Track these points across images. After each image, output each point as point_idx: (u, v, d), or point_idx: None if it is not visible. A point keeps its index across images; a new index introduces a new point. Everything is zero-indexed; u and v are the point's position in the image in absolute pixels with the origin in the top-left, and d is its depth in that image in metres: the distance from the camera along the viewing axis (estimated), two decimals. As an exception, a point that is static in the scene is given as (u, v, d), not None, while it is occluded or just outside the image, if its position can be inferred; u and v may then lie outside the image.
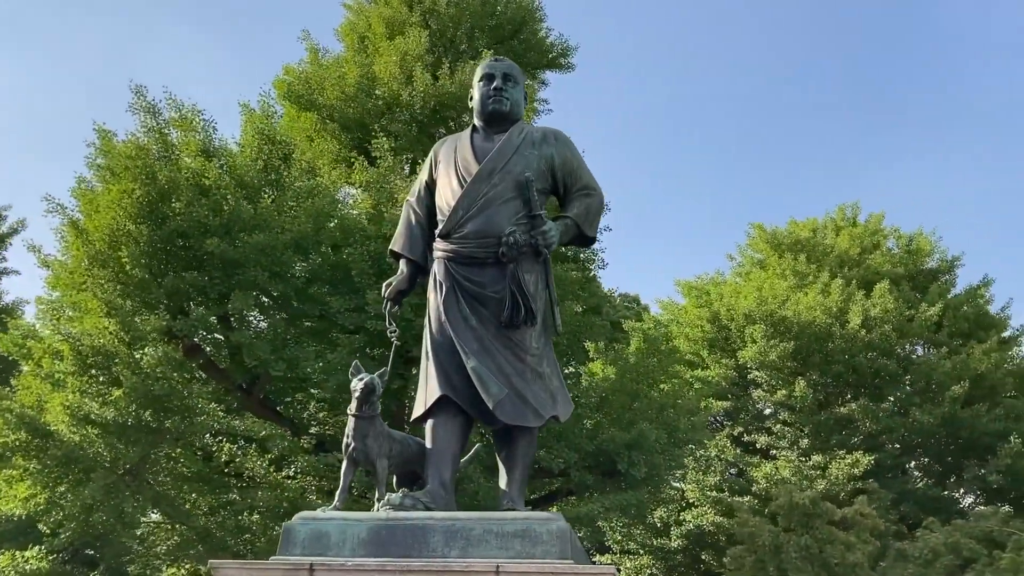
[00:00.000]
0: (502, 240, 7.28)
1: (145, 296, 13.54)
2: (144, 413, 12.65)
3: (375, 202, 14.45)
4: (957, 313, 28.27)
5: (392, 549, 6.25)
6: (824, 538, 14.92)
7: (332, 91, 17.52)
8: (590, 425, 16.47)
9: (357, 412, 7.03)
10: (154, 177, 13.66)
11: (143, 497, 13.21)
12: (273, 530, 13.43)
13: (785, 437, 25.42)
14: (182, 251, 13.85)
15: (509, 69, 8.07)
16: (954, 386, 24.43)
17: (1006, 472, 23.58)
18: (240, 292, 13.34)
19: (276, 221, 13.55)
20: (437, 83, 17.35)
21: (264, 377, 14.66)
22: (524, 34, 21.21)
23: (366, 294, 13.45)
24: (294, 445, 13.63)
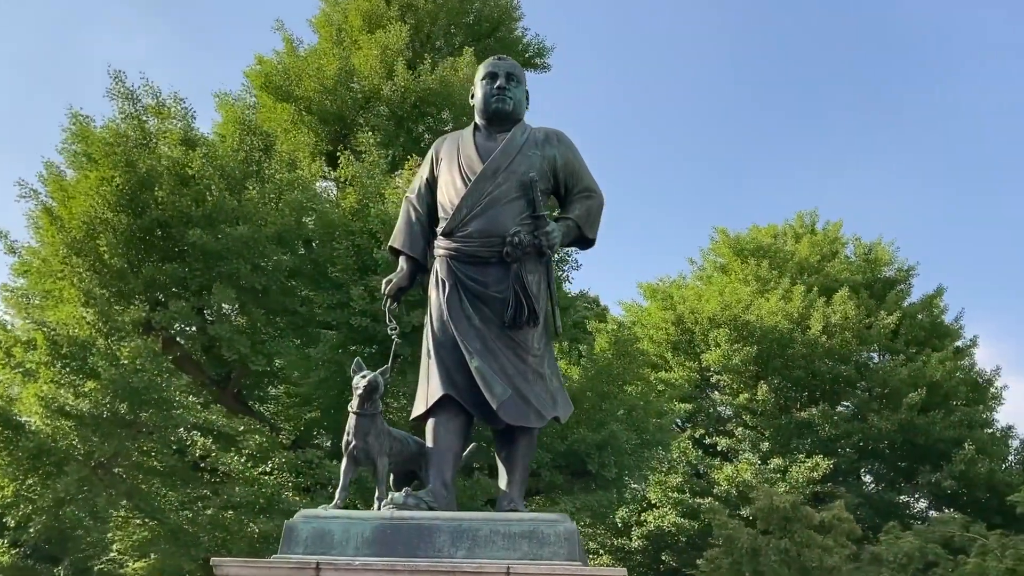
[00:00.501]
0: (506, 240, 7.27)
1: (123, 286, 13.25)
2: (120, 406, 12.39)
3: (360, 197, 14.31)
4: (913, 322, 28.88)
5: (397, 549, 6.22)
6: (802, 541, 15.16)
7: (310, 83, 17.34)
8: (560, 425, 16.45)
9: (359, 410, 6.98)
10: (134, 165, 13.38)
11: (116, 492, 12.93)
12: (248, 527, 13.28)
13: (746, 440, 25.76)
14: (160, 241, 13.59)
15: (512, 68, 8.06)
16: (912, 393, 24.94)
17: (959, 478, 24.13)
18: (221, 285, 13.12)
19: (259, 213, 13.36)
20: (419, 79, 17.27)
21: (238, 372, 14.44)
22: (501, 32, 21.20)
23: (350, 290, 13.33)
24: (272, 441, 13.46)
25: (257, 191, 13.56)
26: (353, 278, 13.61)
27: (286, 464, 13.20)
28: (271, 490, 12.70)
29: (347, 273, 13.69)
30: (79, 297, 12.98)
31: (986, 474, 24.18)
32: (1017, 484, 24.62)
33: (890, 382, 26.12)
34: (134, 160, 13.43)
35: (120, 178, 13.37)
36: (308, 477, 13.50)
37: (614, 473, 16.58)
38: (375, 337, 13.57)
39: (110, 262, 13.30)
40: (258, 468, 13.12)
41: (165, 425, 12.67)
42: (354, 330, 13.65)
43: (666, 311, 28.50)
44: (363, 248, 13.70)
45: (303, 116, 17.34)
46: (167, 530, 13.15)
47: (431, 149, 8.14)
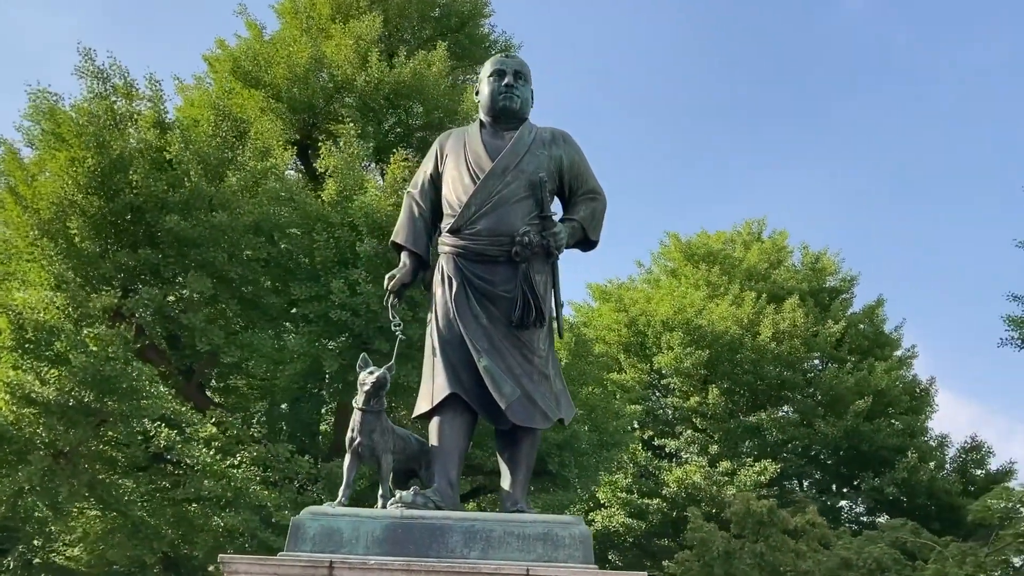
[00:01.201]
0: (516, 239, 7.23)
1: (94, 271, 12.78)
2: (88, 394, 11.94)
3: (340, 188, 14.05)
4: (856, 331, 29.57)
5: (409, 548, 6.13)
6: (776, 546, 15.39)
7: (279, 70, 16.97)
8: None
9: (365, 406, 6.87)
10: (106, 146, 12.91)
11: (78, 482, 12.48)
12: (213, 520, 12.93)
13: (695, 443, 26.08)
14: (131, 226, 13.13)
15: (520, 67, 8.02)
16: (858, 401, 25.51)
17: (901, 485, 24.78)
18: (196, 273, 12.74)
19: (237, 201, 13.01)
20: (392, 70, 17.03)
21: (203, 363, 14.05)
22: (469, 28, 21.09)
23: (331, 283, 13.08)
24: (242, 434, 13.14)
25: (237, 179, 13.20)
26: (332, 271, 13.36)
27: (256, 458, 12.89)
28: (239, 484, 12.39)
29: (326, 265, 13.44)
30: (48, 280, 12.49)
31: (927, 481, 24.85)
32: (956, 492, 25.40)
33: (836, 389, 26.69)
34: (106, 141, 12.97)
35: (92, 159, 12.90)
36: (276, 471, 13.23)
37: (575, 473, 16.62)
38: (352, 331, 13.34)
39: (80, 246, 12.82)
40: (226, 461, 12.78)
41: (133, 415, 12.26)
42: (332, 323, 13.41)
43: (619, 313, 28.69)
44: (343, 241, 13.46)
45: (271, 103, 16.96)
46: (129, 523, 12.73)
47: (435, 144, 8.04)
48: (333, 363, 13.17)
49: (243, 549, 13.20)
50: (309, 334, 13.29)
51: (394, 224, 13.37)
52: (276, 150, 14.63)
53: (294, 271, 13.78)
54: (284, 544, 12.82)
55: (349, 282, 12.96)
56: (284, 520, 12.54)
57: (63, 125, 13.27)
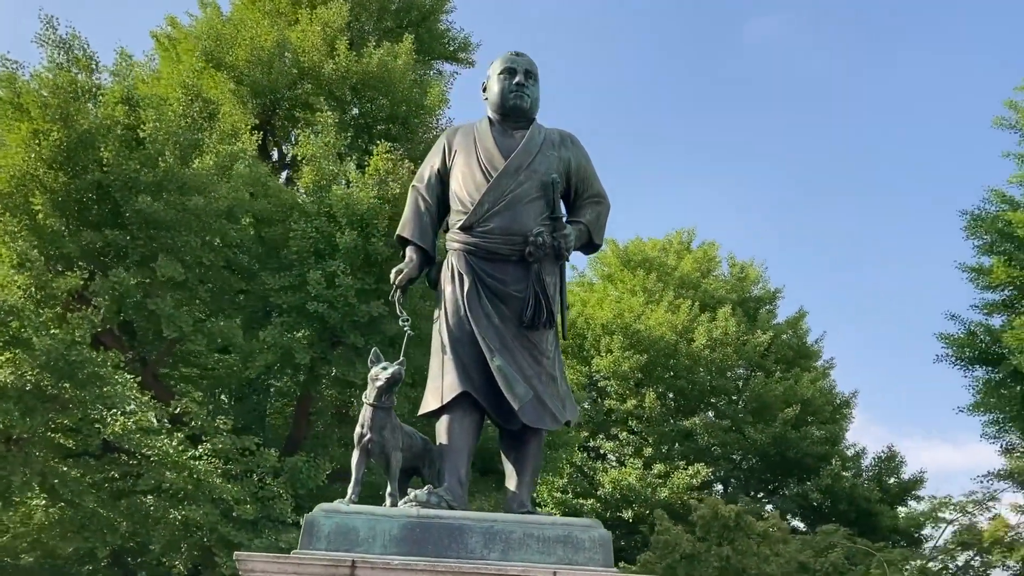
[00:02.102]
0: (529, 240, 7.23)
1: (56, 250, 12.17)
2: (47, 379, 11.36)
3: (317, 178, 13.74)
4: (781, 341, 30.40)
5: (427, 548, 6.07)
6: (742, 549, 15.70)
7: (242, 51, 16.48)
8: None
9: (376, 402, 6.77)
10: (71, 120, 12.31)
11: (30, 471, 11.85)
12: (170, 514, 12.47)
13: (630, 445, 26.43)
14: (97, 205, 12.55)
15: (530, 66, 8.02)
16: (787, 409, 26.22)
17: (825, 491, 25.58)
18: (167, 257, 12.24)
19: (212, 184, 12.57)
20: (360, 60, 16.75)
21: (162, 352, 13.54)
22: (430, 23, 20.93)
23: (308, 274, 12.75)
24: (207, 425, 12.72)
25: (214, 161, 12.77)
26: (308, 261, 13.05)
27: (219, 450, 12.52)
28: (202, 476, 11.98)
29: (302, 255, 13.12)
30: (10, 259, 11.85)
31: (849, 488, 25.70)
32: (875, 499, 26.35)
33: (765, 397, 27.38)
34: (71, 115, 12.37)
35: (57, 133, 12.29)
36: (239, 464, 12.87)
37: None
38: (326, 323, 13.05)
39: (44, 223, 12.20)
40: (187, 452, 12.35)
41: (92, 403, 11.73)
42: (305, 314, 13.11)
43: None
44: (321, 231, 13.17)
45: (231, 86, 16.46)
46: (80, 514, 12.18)
47: (442, 139, 7.97)
48: (305, 355, 12.89)
49: (201, 543, 12.82)
50: (282, 325, 12.97)
51: (375, 217, 13.27)
52: (244, 134, 14.21)
53: (265, 260, 13.43)
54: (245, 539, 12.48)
55: (327, 274, 12.69)
56: (246, 514, 12.28)
57: (24, 95, 12.64)
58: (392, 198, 13.37)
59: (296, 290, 13.15)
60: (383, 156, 14.04)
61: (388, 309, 12.80)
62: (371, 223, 13.07)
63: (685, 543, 16.18)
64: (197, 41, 17.08)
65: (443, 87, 18.16)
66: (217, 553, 12.51)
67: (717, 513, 16.74)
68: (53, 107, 12.44)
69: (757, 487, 28.45)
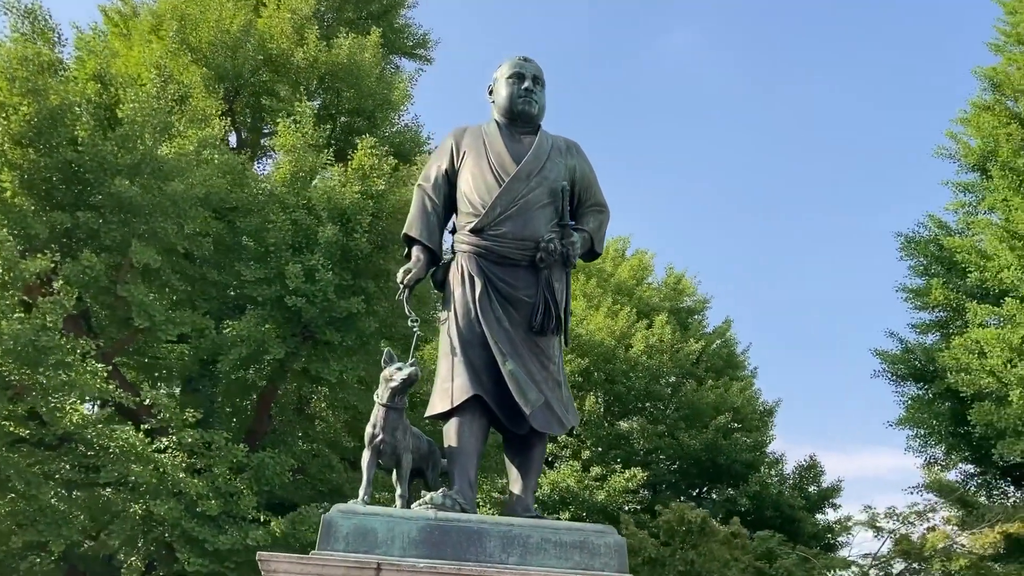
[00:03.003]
0: (540, 245, 7.33)
1: (25, 230, 11.60)
2: (10, 364, 10.82)
3: (295, 169, 13.46)
4: (711, 350, 31.15)
5: (446, 551, 6.11)
6: (706, 554, 15.96)
7: (207, 33, 16.01)
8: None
9: (389, 403, 6.78)
10: (41, 95, 11.76)
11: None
12: (130, 507, 12.04)
13: (568, 447, 26.70)
14: (64, 184, 12.02)
15: (538, 72, 8.13)
16: (719, 416, 26.85)
17: (753, 497, 26.26)
18: (141, 243, 11.81)
19: (192, 171, 12.17)
20: (330, 50, 16.49)
21: (124, 340, 13.06)
22: (391, 16, 20.75)
23: (286, 267, 12.48)
24: (176, 418, 12.34)
25: (193, 147, 12.39)
26: (285, 253, 12.78)
27: (184, 443, 12.17)
28: (168, 470, 11.60)
29: (279, 248, 12.84)
30: None
31: (776, 495, 26.44)
32: (798, 506, 27.18)
33: (698, 404, 27.97)
34: (41, 89, 11.83)
35: (27, 108, 11.74)
36: (205, 459, 12.52)
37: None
38: (301, 318, 12.81)
39: (12, 201, 11.64)
40: (152, 445, 11.94)
41: (57, 391, 11.24)
42: (281, 308, 12.85)
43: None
44: (300, 224, 12.92)
45: (201, 69, 15.95)
46: (35, 506, 11.65)
47: (449, 139, 7.99)
48: (279, 349, 12.65)
49: (162, 539, 12.46)
50: (257, 317, 12.69)
51: (359, 213, 13.11)
52: (214, 119, 13.85)
53: (239, 250, 13.12)
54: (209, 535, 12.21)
55: (306, 268, 12.47)
56: (210, 510, 11.99)
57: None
58: (376, 194, 13.25)
59: (271, 283, 12.90)
60: (367, 151, 13.88)
61: (365, 306, 12.69)
62: (354, 218, 12.92)
63: (650, 547, 16.44)
64: (159, 19, 16.57)
65: (407, 83, 18.05)
66: (179, 549, 12.18)
67: (683, 518, 17.05)
68: (21, 80, 11.90)
69: (687, 492, 29.02)
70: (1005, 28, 22.63)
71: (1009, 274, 16.22)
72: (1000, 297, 17.86)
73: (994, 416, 15.57)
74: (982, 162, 18.99)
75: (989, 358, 15.86)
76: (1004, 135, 18.48)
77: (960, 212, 20.16)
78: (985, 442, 18.01)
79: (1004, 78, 20.45)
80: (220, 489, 12.11)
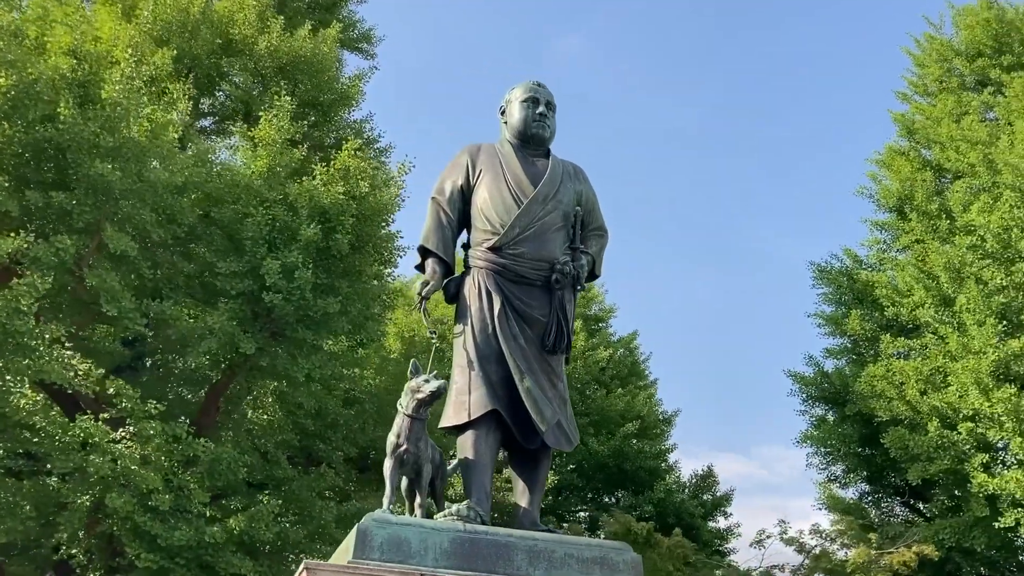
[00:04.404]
0: (556, 267, 7.68)
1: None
2: None
3: (272, 163, 13.19)
4: (616, 358, 32.04)
5: (477, 563, 6.37)
6: (651, 565, 16.33)
7: (162, 11, 15.46)
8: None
9: (415, 414, 6.94)
10: (16, 67, 11.16)
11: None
12: (79, 499, 11.55)
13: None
14: (34, 162, 11.43)
15: (551, 98, 8.50)
16: (628, 424, 27.64)
17: (657, 504, 27.15)
18: (114, 228, 11.34)
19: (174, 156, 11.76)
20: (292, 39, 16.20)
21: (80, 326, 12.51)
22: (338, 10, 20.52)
23: (264, 263, 12.22)
24: (137, 408, 11.92)
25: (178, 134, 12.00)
26: (262, 249, 12.52)
27: (154, 436, 11.81)
28: (126, 461, 11.21)
29: (256, 242, 12.58)
30: None
31: (678, 503, 27.43)
32: (698, 514, 28.25)
33: (607, 411, 28.71)
34: (16, 61, 11.23)
35: (3, 79, 11.11)
36: (161, 452, 12.16)
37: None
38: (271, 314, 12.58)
39: None
40: (107, 436, 11.50)
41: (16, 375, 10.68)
42: (253, 302, 12.59)
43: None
44: (279, 219, 12.69)
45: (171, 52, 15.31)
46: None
47: (464, 155, 8.20)
48: (250, 344, 12.42)
49: (107, 532, 12.04)
50: (229, 311, 12.42)
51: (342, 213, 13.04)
52: (180, 102, 13.44)
53: (212, 241, 12.80)
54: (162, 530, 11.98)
55: (285, 265, 12.29)
56: (163, 504, 11.69)
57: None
58: (360, 196, 13.22)
59: (244, 276, 12.68)
60: (351, 152, 13.79)
61: (341, 306, 12.65)
62: (336, 219, 12.84)
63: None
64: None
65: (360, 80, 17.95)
66: (128, 543, 11.82)
67: (629, 529, 17.54)
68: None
69: (592, 498, 29.71)
70: (913, 78, 24.10)
71: (923, 311, 17.43)
72: (909, 331, 19.14)
73: (911, 441, 16.70)
74: (899, 204, 20.27)
75: (906, 388, 17.00)
76: (919, 180, 19.79)
77: (874, 248, 21.47)
78: (889, 464, 19.26)
79: (919, 126, 21.84)
80: (171, 483, 11.83)
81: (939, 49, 23.12)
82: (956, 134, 19.51)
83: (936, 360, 16.81)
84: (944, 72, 23.08)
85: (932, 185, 19.89)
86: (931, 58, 23.46)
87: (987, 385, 15.05)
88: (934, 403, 16.17)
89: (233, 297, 12.40)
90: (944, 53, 22.97)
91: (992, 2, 22.70)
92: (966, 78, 22.89)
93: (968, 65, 22.03)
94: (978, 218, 17.03)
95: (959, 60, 22.50)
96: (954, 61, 22.61)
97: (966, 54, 22.41)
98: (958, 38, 23.02)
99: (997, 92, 21.34)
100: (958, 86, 22.75)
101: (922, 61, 24.05)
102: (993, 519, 15.21)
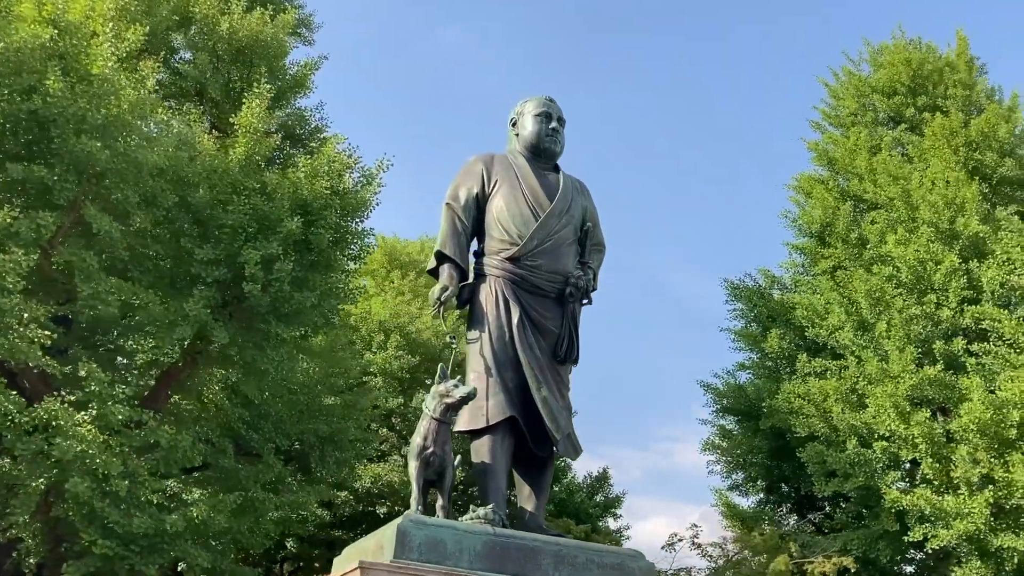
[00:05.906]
0: (570, 281, 8.01)
1: None
2: None
3: (250, 152, 12.79)
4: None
5: (507, 565, 6.65)
6: None
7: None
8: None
9: (442, 418, 7.09)
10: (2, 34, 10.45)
11: None
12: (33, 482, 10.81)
13: (388, 441, 26.94)
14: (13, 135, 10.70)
15: (561, 114, 8.89)
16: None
17: (559, 504, 27.73)
18: (94, 208, 10.74)
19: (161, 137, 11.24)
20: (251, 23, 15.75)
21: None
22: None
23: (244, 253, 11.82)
24: (105, 392, 11.36)
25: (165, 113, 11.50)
26: (240, 238, 12.14)
27: (121, 420, 11.31)
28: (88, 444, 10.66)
29: (234, 231, 12.19)
30: None
31: (579, 503, 28.16)
32: (596, 516, 29.02)
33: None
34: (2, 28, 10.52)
35: None
36: (131, 439, 11.67)
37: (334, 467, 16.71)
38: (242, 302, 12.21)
39: None
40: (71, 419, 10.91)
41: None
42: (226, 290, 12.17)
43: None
44: (259, 209, 12.33)
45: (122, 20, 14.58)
46: None
47: (478, 164, 8.44)
48: (223, 334, 12.06)
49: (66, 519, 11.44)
50: (205, 299, 12.00)
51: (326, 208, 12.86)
52: (150, 80, 12.86)
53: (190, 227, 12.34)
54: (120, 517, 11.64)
55: (267, 257, 11.97)
56: (121, 489, 11.23)
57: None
58: (343, 192, 13.04)
59: (220, 264, 12.29)
60: (334, 146, 13.56)
61: (317, 300, 12.48)
62: (318, 213, 12.61)
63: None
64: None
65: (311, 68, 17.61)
66: (83, 530, 11.31)
67: (569, 529, 17.77)
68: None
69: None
70: (826, 109, 25.28)
71: (843, 334, 18.43)
72: (821, 351, 20.15)
73: (829, 457, 17.63)
74: (821, 231, 21.30)
75: (827, 405, 17.94)
76: (841, 210, 20.84)
77: (791, 271, 22.51)
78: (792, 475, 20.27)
79: (836, 155, 22.98)
80: (127, 468, 11.39)
81: (856, 84, 24.33)
82: (877, 166, 20.63)
83: (851, 381, 17.81)
84: (859, 106, 24.31)
85: (850, 215, 20.95)
86: (848, 92, 24.64)
87: (904, 409, 16.09)
88: (852, 422, 17.13)
89: (208, 284, 12.05)
90: (861, 88, 24.18)
91: (909, 43, 24.07)
92: (880, 113, 24.18)
93: (885, 101, 23.27)
94: (895, 249, 18.14)
95: (876, 96, 23.74)
96: (871, 97, 23.84)
97: (882, 91, 23.66)
98: (875, 75, 24.28)
99: (910, 130, 22.68)
100: (871, 121, 24.02)
101: (838, 93, 25.22)
102: (903, 533, 16.24)
